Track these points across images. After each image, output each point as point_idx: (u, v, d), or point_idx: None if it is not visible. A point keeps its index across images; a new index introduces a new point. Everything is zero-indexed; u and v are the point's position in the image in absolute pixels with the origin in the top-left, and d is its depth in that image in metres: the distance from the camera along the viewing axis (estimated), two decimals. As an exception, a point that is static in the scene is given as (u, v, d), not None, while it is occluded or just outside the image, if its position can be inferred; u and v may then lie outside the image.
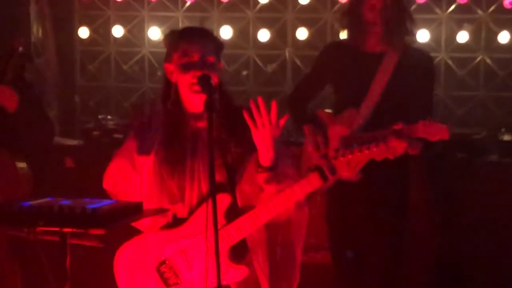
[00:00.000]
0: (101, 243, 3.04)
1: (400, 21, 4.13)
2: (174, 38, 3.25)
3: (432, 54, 4.67)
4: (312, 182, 3.11)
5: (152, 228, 3.30)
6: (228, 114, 3.21)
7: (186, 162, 3.24)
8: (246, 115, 3.04)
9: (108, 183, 3.35)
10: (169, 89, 3.24)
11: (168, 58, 3.25)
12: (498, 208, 5.07)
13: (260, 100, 3.01)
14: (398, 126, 3.72)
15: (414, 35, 4.34)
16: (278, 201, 3.13)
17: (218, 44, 3.29)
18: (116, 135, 5.72)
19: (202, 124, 3.12)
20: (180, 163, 3.24)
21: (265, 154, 3.08)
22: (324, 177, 3.12)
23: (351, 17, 4.19)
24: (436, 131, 3.71)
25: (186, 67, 3.16)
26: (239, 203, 3.21)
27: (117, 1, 6.34)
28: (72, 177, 5.28)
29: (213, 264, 2.81)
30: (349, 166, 3.13)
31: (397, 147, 3.65)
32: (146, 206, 3.19)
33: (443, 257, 5.15)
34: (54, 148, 5.30)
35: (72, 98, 6.45)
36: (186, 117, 3.25)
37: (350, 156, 3.13)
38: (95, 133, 5.80)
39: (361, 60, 4.18)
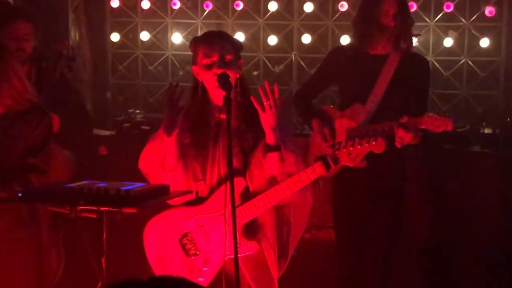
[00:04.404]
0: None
1: (408, 26, 4.20)
2: (197, 43, 3.36)
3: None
4: (317, 170, 3.22)
5: (179, 201, 3.35)
6: (246, 106, 3.29)
7: (209, 148, 3.33)
8: (253, 100, 3.20)
9: (142, 164, 3.38)
10: (197, 87, 3.35)
11: (194, 61, 3.36)
12: (480, 193, 5.21)
13: (266, 84, 3.19)
14: (404, 120, 3.85)
15: (416, 39, 4.35)
16: (286, 186, 3.21)
17: (235, 43, 3.38)
18: (144, 127, 5.91)
19: (224, 116, 3.11)
20: (204, 149, 3.33)
21: (271, 133, 3.18)
22: (327, 166, 3.23)
23: (367, 22, 4.19)
24: (441, 123, 3.82)
25: (208, 67, 3.27)
26: (249, 186, 3.29)
27: (144, 10, 6.39)
28: (105, 163, 5.43)
29: (229, 238, 2.95)
30: (350, 157, 3.24)
31: (404, 137, 3.85)
32: (174, 183, 3.29)
33: (432, 240, 5.30)
34: (92, 138, 5.44)
35: (105, 94, 6.54)
36: (211, 109, 3.33)
37: (351, 149, 3.24)
38: (126, 125, 6.02)
39: (366, 62, 4.21)
